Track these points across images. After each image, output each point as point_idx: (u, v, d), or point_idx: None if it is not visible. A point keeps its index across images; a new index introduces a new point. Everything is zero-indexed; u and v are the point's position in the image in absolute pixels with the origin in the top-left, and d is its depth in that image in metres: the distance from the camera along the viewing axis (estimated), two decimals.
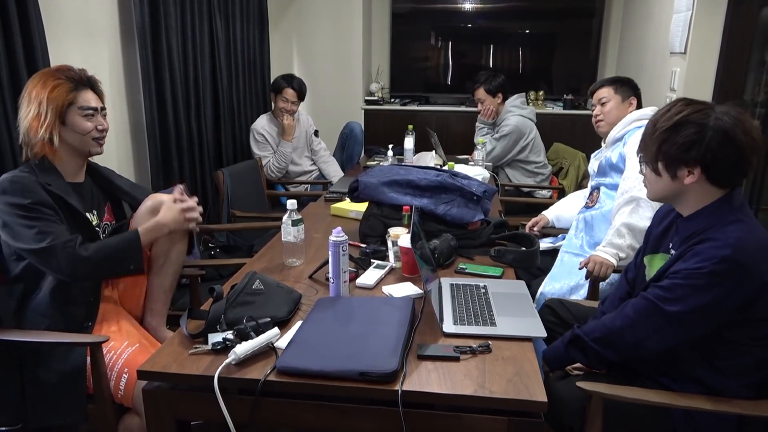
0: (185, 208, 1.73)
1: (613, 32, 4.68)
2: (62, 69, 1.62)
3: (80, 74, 1.63)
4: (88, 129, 1.62)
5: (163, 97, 2.79)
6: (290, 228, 1.74)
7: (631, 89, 2.24)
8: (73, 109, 1.59)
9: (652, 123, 1.33)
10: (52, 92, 1.56)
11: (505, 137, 3.40)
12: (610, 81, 2.29)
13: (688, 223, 1.34)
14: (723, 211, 1.28)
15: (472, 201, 1.90)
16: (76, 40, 2.32)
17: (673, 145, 1.27)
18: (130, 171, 2.75)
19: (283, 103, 3.40)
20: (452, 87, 4.99)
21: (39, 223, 1.50)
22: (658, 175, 1.33)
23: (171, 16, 2.78)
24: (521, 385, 1.15)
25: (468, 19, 4.89)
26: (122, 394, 1.50)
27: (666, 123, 1.28)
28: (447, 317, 1.42)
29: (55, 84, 1.57)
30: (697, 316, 1.25)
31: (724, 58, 2.92)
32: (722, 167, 1.26)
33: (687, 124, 1.26)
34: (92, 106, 1.63)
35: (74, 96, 1.59)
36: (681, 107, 1.28)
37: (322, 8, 4.55)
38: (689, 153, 1.26)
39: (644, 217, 1.89)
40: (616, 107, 2.22)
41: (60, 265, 1.51)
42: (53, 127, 1.56)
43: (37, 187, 1.54)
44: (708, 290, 1.22)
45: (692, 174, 1.28)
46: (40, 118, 1.55)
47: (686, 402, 1.28)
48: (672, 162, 1.29)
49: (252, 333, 1.26)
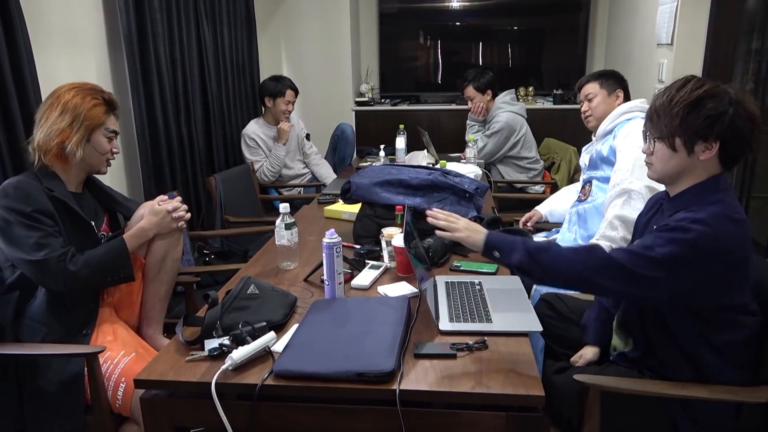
0: (171, 209, 1.73)
1: (600, 26, 4.70)
2: (97, 89, 1.68)
3: (111, 98, 1.70)
4: (107, 150, 1.69)
5: (153, 104, 2.78)
6: (284, 231, 1.74)
7: (617, 82, 2.25)
8: (101, 129, 1.66)
9: (667, 99, 1.32)
10: (91, 110, 1.61)
11: (496, 134, 3.41)
12: (595, 76, 2.30)
13: (673, 202, 1.36)
14: (706, 191, 1.30)
15: (464, 198, 1.90)
16: (63, 49, 2.31)
17: (696, 120, 1.27)
18: (122, 179, 2.74)
19: (286, 105, 3.40)
20: (442, 85, 4.99)
21: (37, 233, 1.51)
22: (674, 150, 1.32)
23: (157, 22, 2.77)
24: (518, 380, 1.16)
25: (456, 17, 4.90)
26: (120, 403, 1.50)
27: (686, 98, 1.28)
28: (443, 315, 1.42)
29: (95, 103, 1.63)
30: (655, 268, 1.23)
31: (710, 49, 2.93)
32: (739, 142, 1.28)
33: (710, 98, 1.27)
34: (114, 129, 1.70)
35: (107, 118, 1.67)
36: (697, 83, 1.29)
37: (310, 10, 4.55)
38: (712, 127, 1.27)
39: (636, 208, 1.90)
40: (603, 101, 2.24)
41: (52, 280, 1.52)
42: (81, 141, 1.60)
43: (41, 194, 1.55)
44: (670, 243, 1.22)
45: (709, 149, 1.29)
46: (72, 130, 1.58)
47: (683, 391, 1.29)
48: (692, 136, 1.29)
49: (248, 338, 1.26)
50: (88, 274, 1.55)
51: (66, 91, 1.62)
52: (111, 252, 1.62)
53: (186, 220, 1.78)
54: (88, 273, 1.55)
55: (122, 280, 1.65)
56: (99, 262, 1.58)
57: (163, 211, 1.73)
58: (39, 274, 1.52)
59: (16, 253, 1.51)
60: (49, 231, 1.53)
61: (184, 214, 1.77)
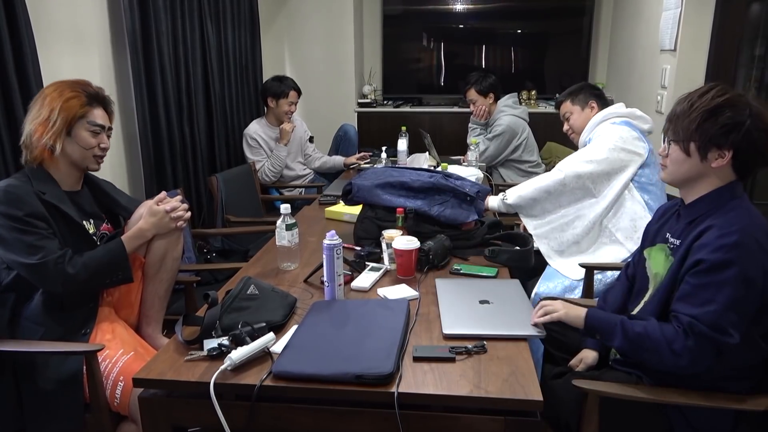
0: (169, 209, 1.73)
1: (603, 30, 4.70)
2: (81, 83, 1.65)
3: (97, 91, 1.66)
4: (91, 145, 1.64)
5: (155, 103, 2.78)
6: (284, 232, 1.74)
7: (588, 95, 2.30)
8: (82, 122, 1.61)
9: (687, 103, 1.33)
10: (66, 102, 1.58)
11: (498, 137, 3.41)
12: (566, 95, 2.35)
13: (690, 209, 1.37)
14: (723, 198, 1.31)
15: (465, 201, 1.90)
16: (67, 47, 2.31)
17: (712, 127, 1.28)
18: (124, 177, 2.74)
19: (288, 107, 3.40)
20: (445, 88, 5.00)
21: (31, 237, 1.50)
22: (687, 155, 1.33)
23: (162, 21, 2.78)
24: (517, 384, 1.15)
25: (459, 20, 4.90)
26: (118, 402, 1.50)
27: (706, 105, 1.29)
28: (444, 319, 1.42)
29: (71, 95, 1.59)
30: (729, 312, 1.21)
31: (713, 55, 2.93)
32: (752, 153, 1.28)
33: (729, 107, 1.27)
34: (100, 123, 1.65)
35: (86, 110, 1.62)
36: (720, 91, 1.30)
37: (314, 11, 4.55)
38: (728, 136, 1.27)
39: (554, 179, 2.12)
40: (578, 117, 2.29)
41: (50, 282, 1.52)
42: (59, 135, 1.57)
43: (32, 197, 1.53)
44: (728, 284, 1.21)
45: (722, 157, 1.29)
46: (48, 124, 1.56)
47: (682, 398, 1.29)
48: (707, 143, 1.29)
49: (247, 338, 1.26)
50: (87, 277, 1.55)
51: (48, 87, 1.61)
52: (109, 254, 1.61)
53: (186, 219, 1.78)
54: (87, 275, 1.55)
55: (121, 281, 1.65)
56: (97, 264, 1.58)
57: (161, 212, 1.72)
58: (37, 277, 1.52)
59: (13, 257, 1.50)
60: (44, 234, 1.52)
61: (183, 213, 1.76)
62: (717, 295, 1.21)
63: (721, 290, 1.21)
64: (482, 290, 1.58)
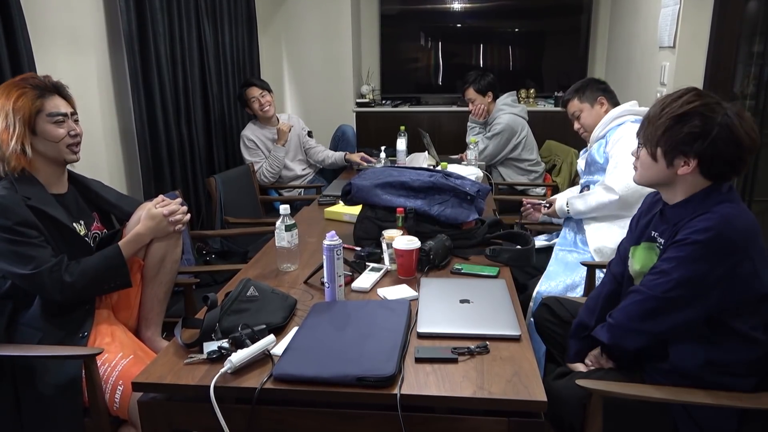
0: (167, 213, 1.71)
1: (601, 28, 4.70)
2: (26, 78, 1.58)
3: (45, 81, 1.59)
4: (60, 136, 1.58)
5: (153, 104, 2.77)
6: (284, 233, 1.73)
7: (595, 90, 2.26)
8: (42, 116, 1.55)
9: (659, 107, 1.32)
10: (17, 102, 1.51)
11: (497, 136, 3.40)
12: (572, 92, 2.31)
13: (676, 210, 1.35)
14: (711, 198, 1.30)
15: (465, 201, 1.89)
16: (63, 49, 2.30)
17: (678, 134, 1.27)
18: (122, 179, 2.73)
19: (257, 103, 3.35)
20: (443, 87, 4.98)
21: (23, 247, 1.48)
22: (654, 160, 1.33)
23: (158, 22, 2.76)
24: (520, 385, 1.14)
25: (457, 19, 4.89)
26: (118, 406, 1.48)
27: (675, 111, 1.28)
28: (421, 318, 1.40)
29: (19, 93, 1.53)
30: (684, 291, 1.24)
31: (712, 52, 2.93)
32: (719, 163, 1.27)
33: (695, 116, 1.26)
34: (62, 112, 1.59)
35: (41, 103, 1.55)
36: (692, 97, 1.28)
37: (311, 11, 4.54)
38: (692, 145, 1.26)
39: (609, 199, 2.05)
40: (589, 115, 2.26)
41: (48, 291, 1.50)
42: (23, 137, 1.52)
43: (19, 205, 1.50)
44: (693, 261, 1.23)
45: (687, 165, 1.28)
46: (9, 131, 1.51)
47: (687, 397, 1.28)
48: (671, 150, 1.29)
49: (247, 341, 1.25)
50: (85, 284, 1.53)
51: None
52: (106, 260, 1.60)
53: (185, 222, 1.76)
54: (85, 283, 1.53)
55: (119, 287, 1.64)
56: (95, 271, 1.56)
57: (159, 215, 1.70)
58: (34, 287, 1.51)
59: (8, 267, 1.49)
60: (35, 242, 1.50)
61: (182, 217, 1.74)
62: (674, 269, 1.25)
63: (680, 266, 1.24)
64: (465, 290, 1.55)
